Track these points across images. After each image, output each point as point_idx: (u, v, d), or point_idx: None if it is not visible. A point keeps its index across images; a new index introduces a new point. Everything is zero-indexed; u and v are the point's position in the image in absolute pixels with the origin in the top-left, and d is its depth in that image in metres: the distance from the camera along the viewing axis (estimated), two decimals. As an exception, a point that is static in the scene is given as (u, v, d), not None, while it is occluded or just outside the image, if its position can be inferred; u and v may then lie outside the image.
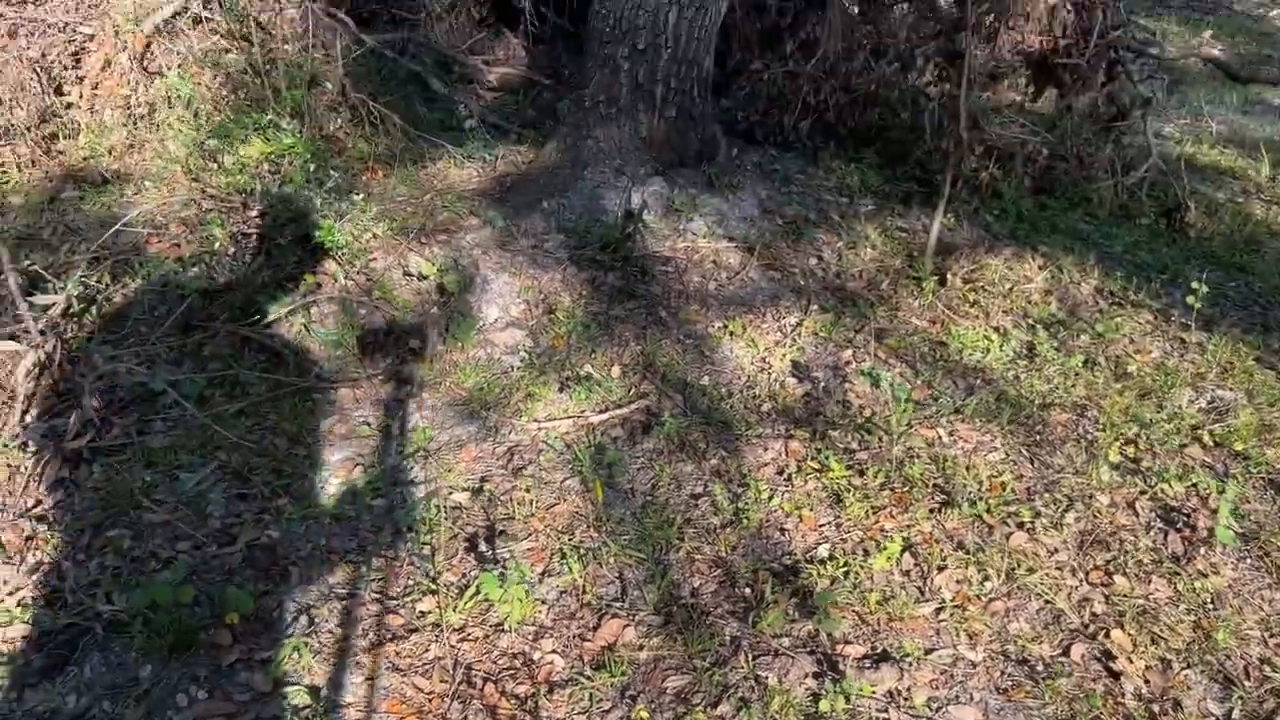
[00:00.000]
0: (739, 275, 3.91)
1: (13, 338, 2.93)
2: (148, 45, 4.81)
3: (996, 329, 3.68)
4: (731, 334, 3.59)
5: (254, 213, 3.57)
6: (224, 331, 3.19)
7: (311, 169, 3.51)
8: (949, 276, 3.91)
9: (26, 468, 2.66)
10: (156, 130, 4.35)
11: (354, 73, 5.17)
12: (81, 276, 3.28)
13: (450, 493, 2.81)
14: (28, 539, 2.50)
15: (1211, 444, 3.12)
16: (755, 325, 3.65)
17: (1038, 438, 3.13)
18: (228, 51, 4.71)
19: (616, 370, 3.36)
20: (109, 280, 3.39)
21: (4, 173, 4.28)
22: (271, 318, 3.27)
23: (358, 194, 4.05)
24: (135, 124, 4.54)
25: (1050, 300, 3.89)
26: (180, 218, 3.67)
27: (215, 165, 3.56)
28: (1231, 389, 3.40)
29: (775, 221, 4.23)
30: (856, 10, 4.70)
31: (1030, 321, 3.74)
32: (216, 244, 3.41)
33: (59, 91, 4.76)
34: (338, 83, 4.97)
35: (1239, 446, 3.09)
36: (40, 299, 3.03)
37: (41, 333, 2.95)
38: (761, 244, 4.06)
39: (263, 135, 3.51)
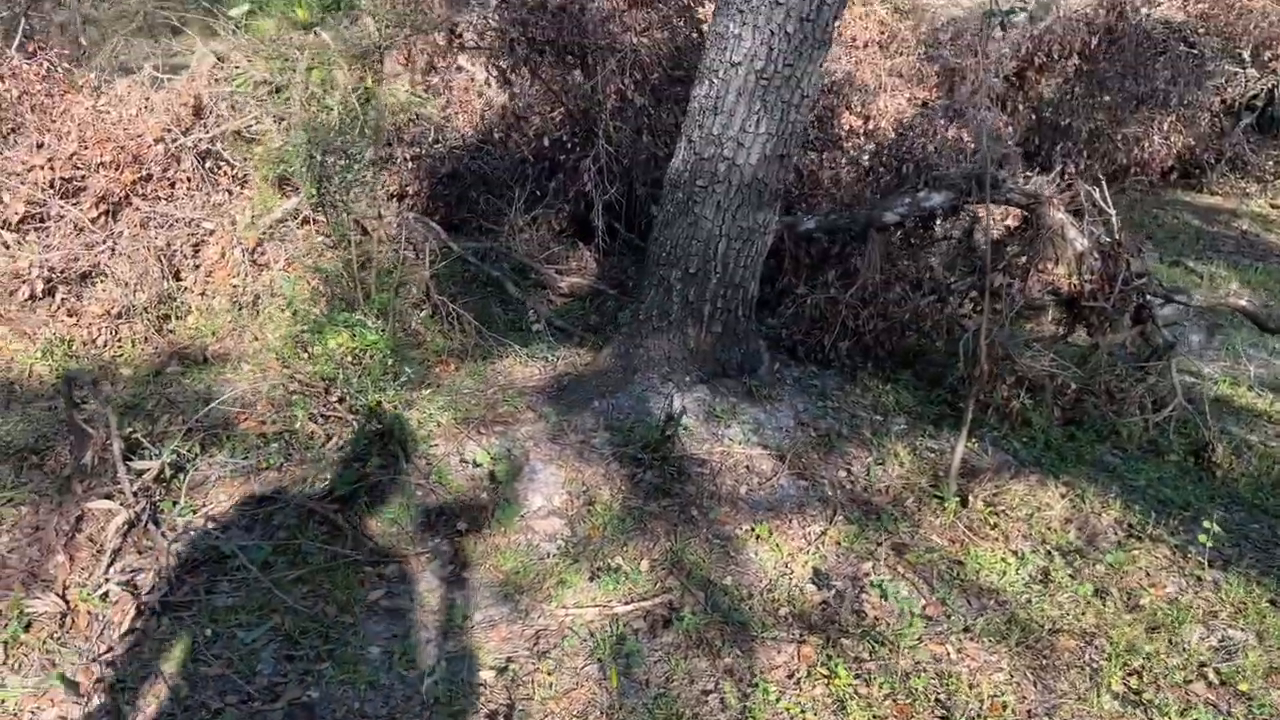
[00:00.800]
0: (770, 481, 4.16)
1: (108, 497, 3.31)
2: (259, 243, 5.45)
3: (1014, 552, 3.85)
4: (758, 537, 3.82)
5: (334, 398, 3.98)
6: (293, 503, 3.53)
7: (389, 363, 3.93)
8: (971, 498, 4.11)
9: (104, 616, 2.96)
10: (257, 318, 4.87)
11: (439, 274, 5.73)
12: (175, 446, 3.69)
13: (478, 670, 3.02)
14: (96, 681, 2.77)
15: (1217, 682, 3.20)
16: (781, 530, 3.88)
17: (1043, 662, 3.24)
18: (330, 249, 5.31)
19: (645, 564, 3.60)
20: (199, 450, 3.79)
21: (120, 347, 4.81)
22: (337, 494, 3.61)
23: (428, 386, 4.47)
24: (239, 311, 5.09)
25: (1069, 528, 4.05)
26: (269, 398, 4.10)
27: (305, 354, 4.00)
28: (1243, 629, 3.49)
29: (809, 433, 4.51)
30: (898, 243, 5.11)
31: (1048, 547, 3.90)
32: (297, 424, 3.81)
33: (177, 277, 5.38)
34: (423, 284, 5.52)
35: (1244, 687, 3.16)
36: (137, 464, 3.42)
37: (134, 494, 3.32)
38: (794, 453, 4.33)
39: (350, 330, 3.96)
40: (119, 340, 4.83)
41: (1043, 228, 4.76)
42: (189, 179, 6.07)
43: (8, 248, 5.46)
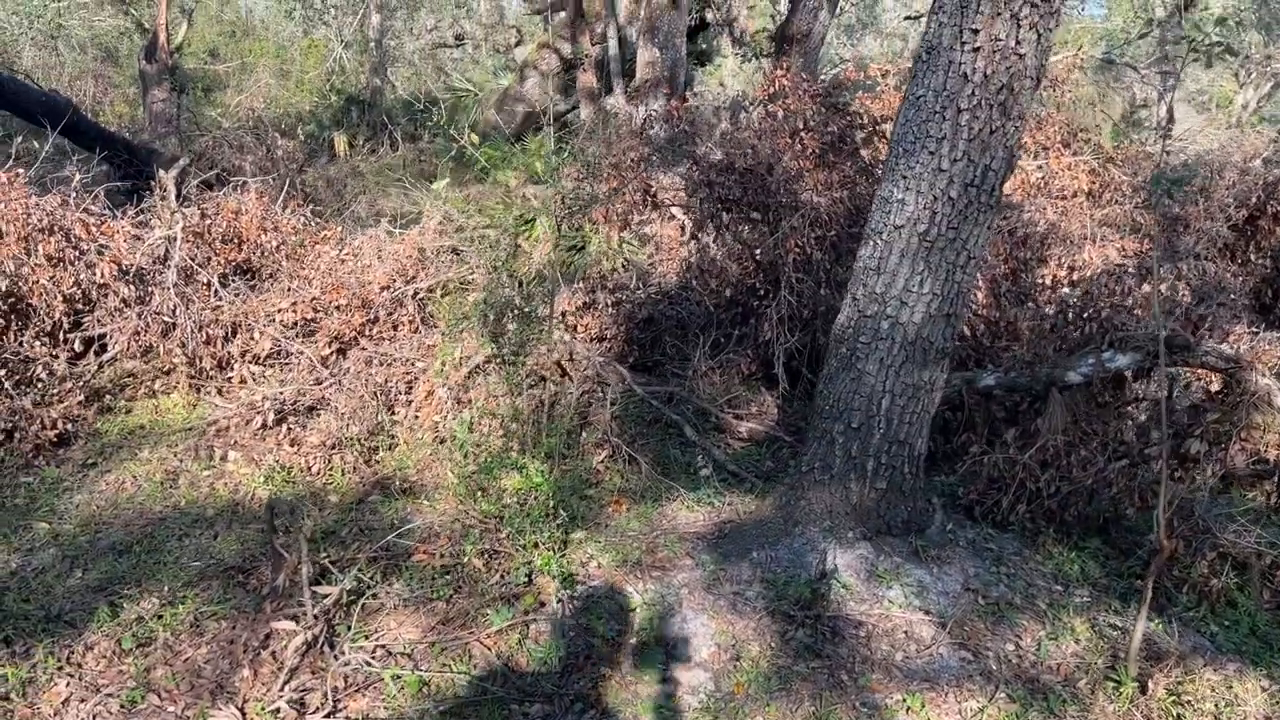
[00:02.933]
0: (929, 650, 4.02)
1: (294, 618, 3.66)
2: (463, 382, 5.92)
3: (1198, 750, 3.51)
4: (909, 709, 3.68)
5: (502, 535, 4.23)
6: (454, 637, 3.77)
7: (551, 505, 4.16)
8: (1151, 684, 3.80)
9: (273, 730, 3.26)
10: (450, 455, 5.27)
11: (623, 416, 5.99)
12: (357, 573, 4.04)
13: (602, 820, 3.08)
14: (257, 791, 3.04)
15: None
16: (935, 704, 3.72)
17: None
18: (513, 394, 5.71)
19: (786, 728, 3.55)
20: (380, 578, 4.12)
21: (331, 475, 5.33)
22: (494, 628, 3.82)
23: (595, 526, 4.67)
24: (439, 446, 5.53)
25: (1269, 728, 3.66)
26: (448, 533, 4.42)
27: (480, 493, 4.30)
28: None
29: (977, 600, 4.33)
30: (1085, 403, 4.91)
31: (1239, 749, 3.53)
32: (465, 558, 4.08)
33: (390, 411, 5.91)
34: (605, 425, 5.79)
35: None
36: (322, 589, 3.77)
37: (315, 617, 3.66)
38: (958, 621, 4.16)
39: (520, 472, 4.24)
40: (331, 469, 5.35)
41: (1245, 393, 4.45)
42: (410, 321, 6.73)
43: (255, 381, 6.21)
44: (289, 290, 6.93)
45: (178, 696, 3.40)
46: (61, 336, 6.48)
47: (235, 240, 7.36)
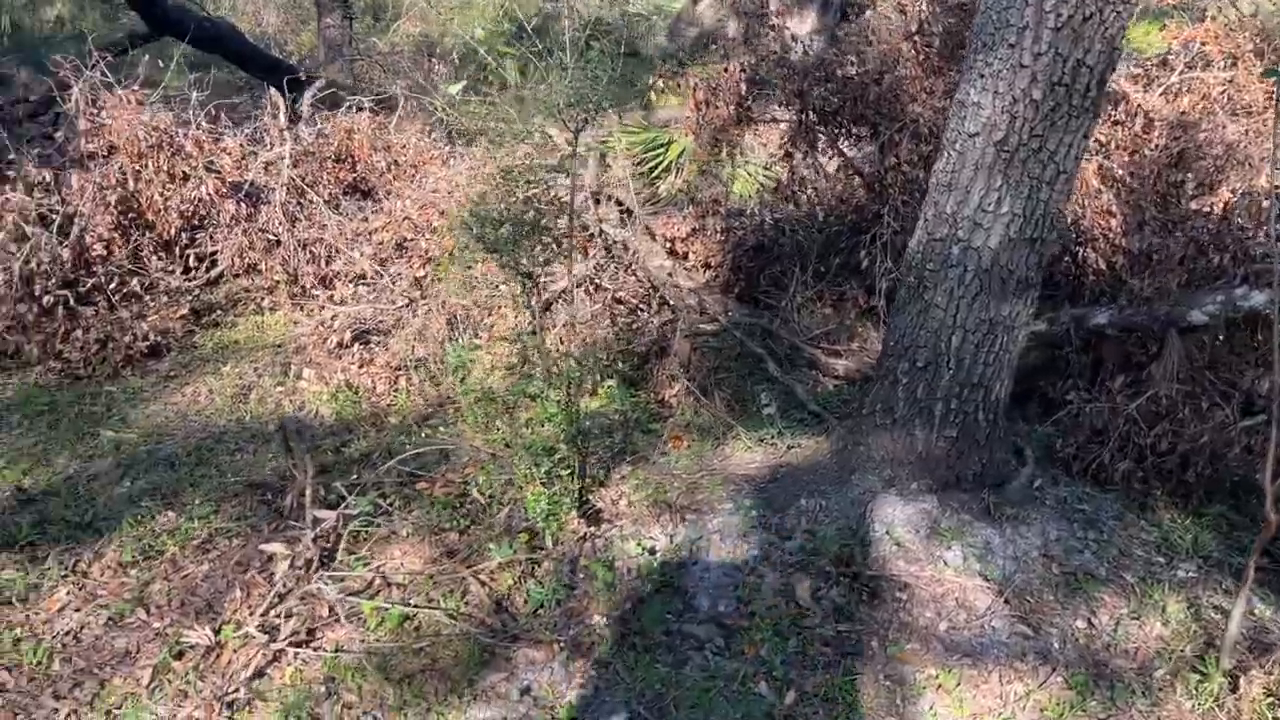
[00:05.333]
0: (979, 620, 3.53)
1: (290, 542, 3.58)
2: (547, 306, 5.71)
3: (1290, 768, 2.91)
4: (939, 686, 3.24)
5: (520, 467, 4.00)
6: (452, 571, 3.60)
7: (569, 435, 3.88)
8: (1245, 681, 3.19)
9: (239, 656, 3.19)
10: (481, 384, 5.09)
11: (703, 347, 5.63)
12: (377, 498, 3.93)
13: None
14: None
15: None
16: (972, 683, 3.26)
17: None
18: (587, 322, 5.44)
19: (791, 696, 3.19)
20: (401, 505, 4.00)
21: (395, 396, 5.26)
22: (495, 561, 3.62)
23: (634, 462, 4.39)
24: (499, 374, 5.36)
25: (1393, 749, 2.99)
26: (473, 461, 4.24)
27: (497, 420, 4.10)
28: None
29: (1052, 569, 3.78)
30: (1209, 351, 4.17)
31: (1347, 770, 2.90)
32: (474, 490, 3.90)
33: (475, 334, 5.76)
34: (684, 356, 5.46)
35: None
36: (321, 513, 3.67)
37: (313, 541, 3.57)
38: (1020, 591, 3.64)
39: (535, 400, 3.98)
40: (395, 390, 5.28)
41: None
42: (501, 243, 6.53)
43: (353, 300, 6.22)
44: (388, 210, 6.89)
45: (166, 613, 3.39)
46: (178, 252, 6.71)
47: (349, 160, 7.39)
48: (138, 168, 6.49)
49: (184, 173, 6.64)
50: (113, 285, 6.06)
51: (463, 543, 3.78)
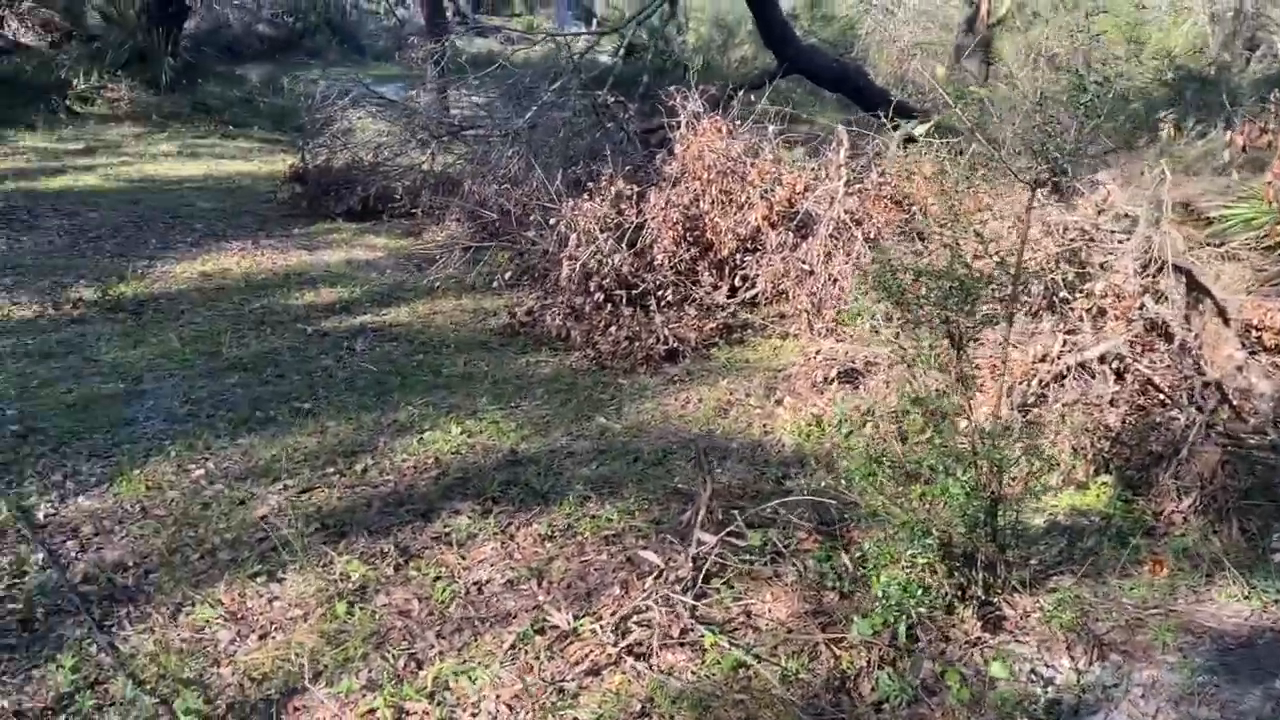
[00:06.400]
0: None
1: (668, 555, 3.66)
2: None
3: None
4: None
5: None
6: (808, 632, 3.39)
7: (988, 523, 3.39)
8: None
9: (584, 649, 3.34)
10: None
11: (1233, 460, 4.58)
12: (772, 534, 3.85)
13: None
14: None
15: None
16: None
17: None
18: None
19: None
20: (791, 546, 3.87)
21: (851, 441, 5.08)
22: (856, 635, 3.32)
23: (1073, 574, 3.72)
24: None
25: None
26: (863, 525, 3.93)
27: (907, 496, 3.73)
28: None
29: None
30: None
31: None
32: (863, 555, 3.61)
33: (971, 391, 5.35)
34: (1211, 467, 4.50)
35: None
36: (704, 535, 3.68)
37: (692, 561, 3.61)
38: None
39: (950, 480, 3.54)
40: (853, 434, 5.10)
41: None
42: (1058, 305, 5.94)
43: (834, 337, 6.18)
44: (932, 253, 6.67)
45: (553, 590, 3.66)
46: (728, 271, 7.23)
47: (902, 200, 7.32)
48: (705, 190, 7.12)
49: (744, 199, 7.13)
50: (661, 293, 6.73)
51: (835, 606, 3.54)
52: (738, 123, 7.80)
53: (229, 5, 26.48)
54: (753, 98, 9.55)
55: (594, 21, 25.76)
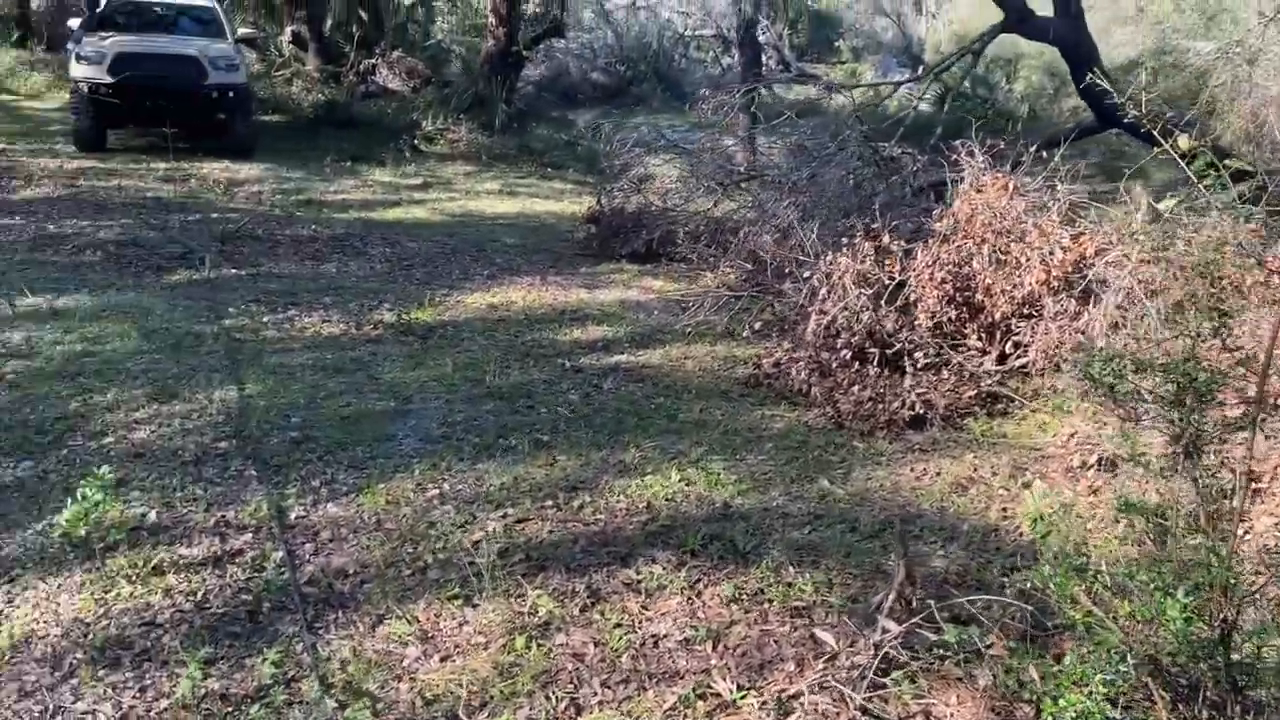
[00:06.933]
0: None
1: (849, 639, 3.45)
2: None
3: None
4: None
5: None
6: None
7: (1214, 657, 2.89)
8: None
9: (749, 722, 3.21)
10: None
11: None
12: (970, 633, 3.51)
13: None
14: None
15: None
16: None
17: None
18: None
19: None
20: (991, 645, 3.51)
21: (1100, 537, 4.55)
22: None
23: None
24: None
25: None
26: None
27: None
28: None
29: None
30: None
31: None
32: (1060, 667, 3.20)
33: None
34: None
35: None
36: (888, 623, 3.43)
37: (872, 647, 3.38)
38: None
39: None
40: (1099, 528, 4.57)
41: None
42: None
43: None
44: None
45: (726, 656, 3.55)
46: (998, 336, 6.76)
47: (1207, 274, 6.49)
48: (979, 249, 6.72)
49: (1020, 259, 6.65)
50: (919, 354, 6.42)
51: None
52: (1027, 179, 7.31)
53: (570, 55, 28.58)
54: (1057, 152, 8.91)
55: (919, 70, 25.21)
